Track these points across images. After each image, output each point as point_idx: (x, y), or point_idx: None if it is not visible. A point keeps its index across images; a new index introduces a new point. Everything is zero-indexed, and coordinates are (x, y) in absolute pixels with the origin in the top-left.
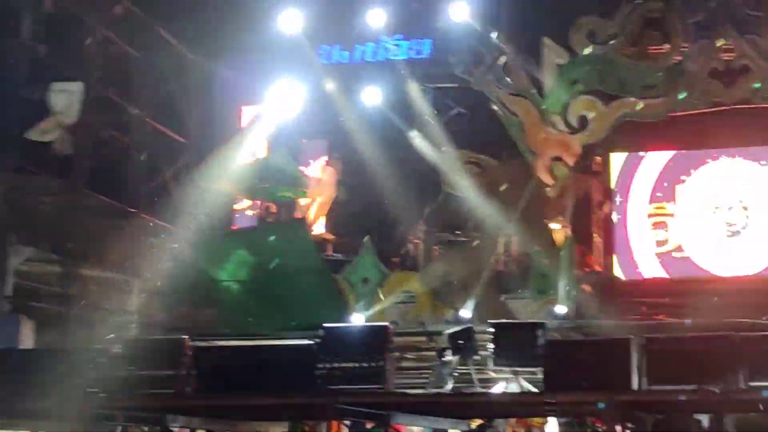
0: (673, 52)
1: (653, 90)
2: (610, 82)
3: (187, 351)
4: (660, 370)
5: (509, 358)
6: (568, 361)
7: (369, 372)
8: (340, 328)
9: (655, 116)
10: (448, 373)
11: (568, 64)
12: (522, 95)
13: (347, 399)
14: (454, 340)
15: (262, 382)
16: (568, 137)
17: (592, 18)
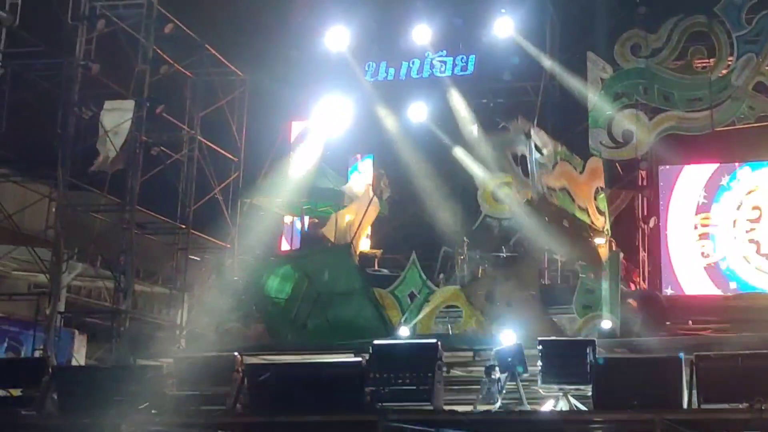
0: (719, 65)
1: (698, 103)
2: (654, 95)
3: (239, 368)
4: (711, 388)
5: (557, 376)
6: (617, 379)
7: (418, 389)
8: (390, 345)
9: (700, 130)
10: (496, 390)
11: (612, 78)
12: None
13: (396, 416)
14: (503, 357)
15: (312, 399)
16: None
17: (637, 32)
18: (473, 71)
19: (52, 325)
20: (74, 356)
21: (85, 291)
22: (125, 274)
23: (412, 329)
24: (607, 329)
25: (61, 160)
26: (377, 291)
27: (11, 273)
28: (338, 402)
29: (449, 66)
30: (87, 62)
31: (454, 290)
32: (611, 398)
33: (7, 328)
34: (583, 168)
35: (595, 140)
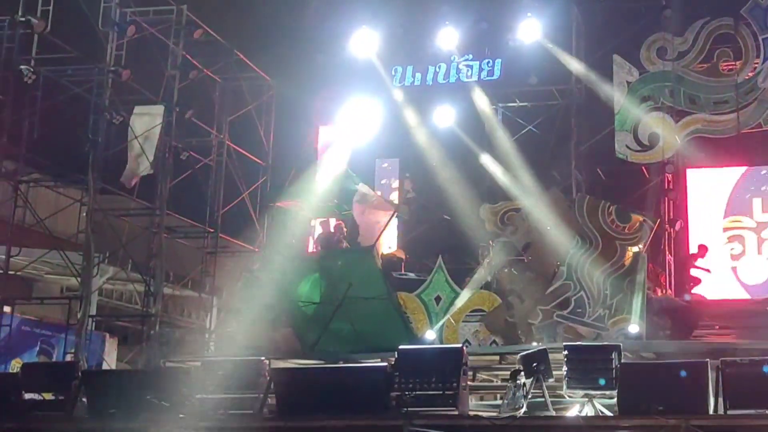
0: (745, 68)
1: (724, 106)
2: (680, 98)
3: (265, 372)
4: (737, 393)
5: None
6: (643, 385)
7: (443, 394)
8: (415, 350)
9: (726, 132)
10: (521, 395)
11: (638, 81)
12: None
13: (421, 421)
14: (528, 362)
15: (337, 403)
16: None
17: (663, 35)
18: (499, 75)
19: (83, 329)
20: (105, 359)
21: (116, 294)
22: (155, 277)
23: (438, 333)
24: (634, 333)
25: (92, 164)
26: (403, 295)
27: (44, 276)
28: (363, 406)
29: (475, 70)
30: (117, 68)
31: (480, 293)
32: (637, 404)
33: (40, 332)
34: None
35: (621, 144)
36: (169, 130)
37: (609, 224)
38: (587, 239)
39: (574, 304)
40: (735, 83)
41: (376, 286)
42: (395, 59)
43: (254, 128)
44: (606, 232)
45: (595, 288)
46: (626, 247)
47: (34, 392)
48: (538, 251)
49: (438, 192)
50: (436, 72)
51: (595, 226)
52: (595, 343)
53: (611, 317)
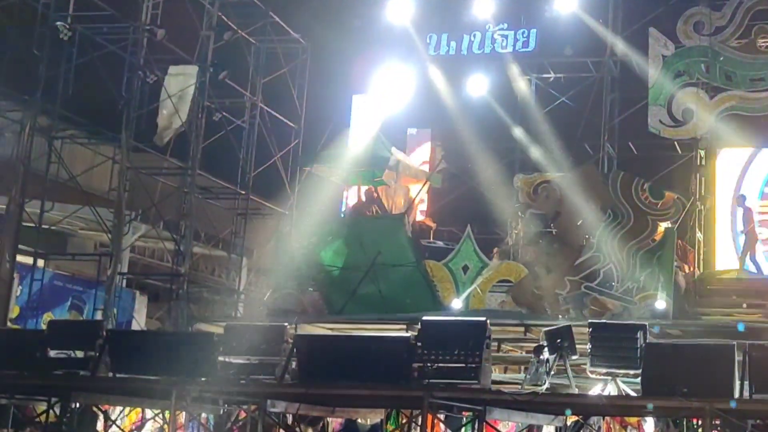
0: None
1: (760, 84)
2: (716, 74)
3: (288, 338)
4: (764, 377)
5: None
6: (667, 365)
7: (465, 367)
8: (438, 321)
9: (762, 110)
10: (544, 371)
11: (673, 55)
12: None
13: (442, 393)
14: (551, 338)
15: (360, 372)
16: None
17: (700, 9)
18: (534, 47)
19: (113, 286)
20: (135, 316)
21: (148, 252)
22: (185, 237)
23: (465, 302)
24: (661, 309)
25: (126, 123)
26: (431, 263)
27: (78, 232)
28: (385, 376)
29: (510, 41)
30: (153, 27)
31: (507, 264)
32: (660, 384)
33: (72, 287)
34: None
35: (654, 118)
36: (203, 90)
37: (642, 199)
38: (619, 213)
39: (603, 277)
40: None
41: (405, 253)
42: (430, 27)
43: (288, 91)
44: (638, 207)
45: (625, 262)
46: (657, 223)
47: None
48: (567, 223)
49: (469, 162)
50: (471, 41)
51: (628, 200)
52: (621, 322)
53: (639, 291)
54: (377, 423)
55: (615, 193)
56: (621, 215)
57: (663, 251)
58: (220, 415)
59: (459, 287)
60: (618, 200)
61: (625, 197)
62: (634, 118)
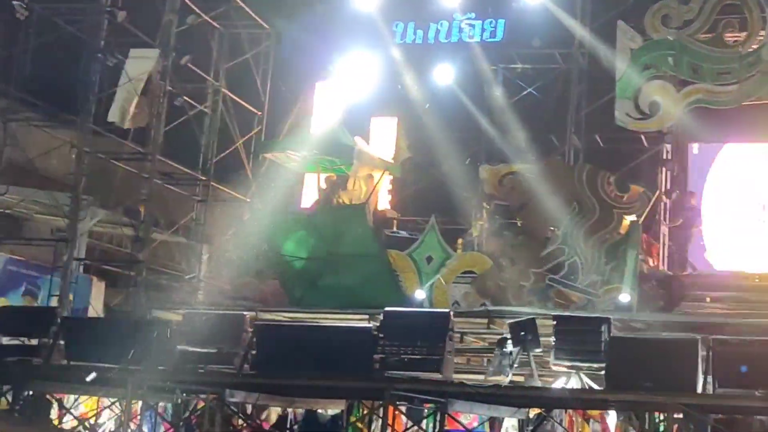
0: (749, 40)
1: (727, 77)
2: (683, 67)
3: (248, 327)
4: (727, 372)
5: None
6: (631, 359)
7: (428, 359)
8: (401, 312)
9: (729, 104)
10: (507, 364)
11: (641, 48)
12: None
13: (404, 385)
14: (516, 330)
15: (321, 362)
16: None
17: (669, 2)
18: (502, 37)
19: (69, 271)
20: (91, 303)
21: (107, 237)
22: (144, 223)
23: (428, 293)
24: (625, 303)
25: (83, 106)
26: (394, 253)
27: (34, 216)
28: (346, 367)
29: (478, 30)
30: (113, 9)
31: (471, 255)
32: (624, 378)
33: (26, 272)
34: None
35: (621, 111)
36: (165, 74)
37: (608, 193)
38: (585, 206)
39: (568, 269)
40: (739, 55)
41: (366, 243)
42: (397, 14)
43: (251, 77)
44: (604, 200)
45: (590, 254)
46: (623, 216)
47: (13, 336)
48: (532, 215)
49: (434, 151)
50: (438, 30)
51: (594, 193)
52: (585, 315)
53: (604, 284)
54: (338, 413)
55: (581, 185)
56: (586, 208)
57: (628, 245)
58: (178, 405)
59: (422, 278)
60: (584, 193)
61: (591, 190)
62: (602, 111)
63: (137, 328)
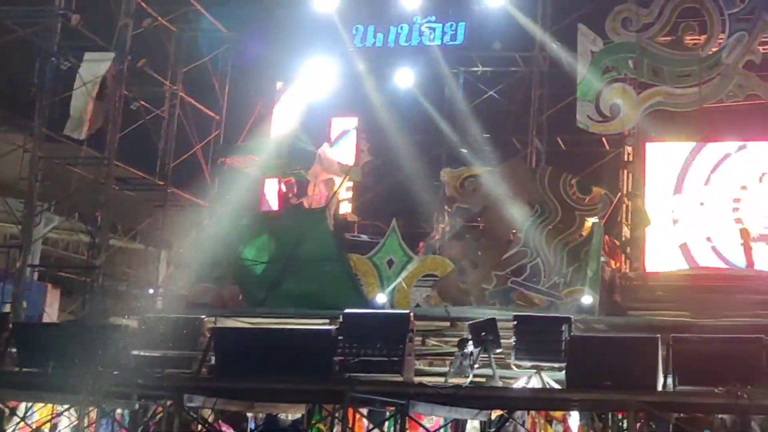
0: (709, 42)
1: (687, 80)
2: (643, 70)
3: (207, 331)
4: (687, 370)
5: (531, 352)
6: (592, 358)
7: (388, 360)
8: (361, 314)
9: (689, 106)
10: (468, 365)
11: (602, 51)
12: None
13: (364, 387)
14: (476, 330)
15: (280, 365)
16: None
17: (629, 5)
18: (462, 40)
19: (22, 278)
20: (46, 310)
21: (62, 244)
22: (101, 229)
23: (389, 296)
24: (587, 305)
25: (38, 110)
26: (355, 257)
27: None
28: (306, 370)
29: (438, 34)
30: (67, 12)
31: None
32: (585, 378)
33: None
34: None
35: (582, 113)
36: (120, 78)
37: (570, 195)
38: (547, 208)
39: (530, 272)
40: (699, 57)
41: (327, 247)
42: (357, 18)
43: (209, 81)
44: (566, 202)
45: (552, 257)
46: (585, 218)
47: None
48: (494, 217)
49: (395, 155)
50: (398, 33)
51: (556, 196)
52: (546, 315)
53: (566, 287)
54: (298, 418)
55: (543, 188)
56: (548, 210)
57: (590, 246)
58: (135, 411)
59: (383, 282)
60: (546, 195)
61: (553, 192)
62: (563, 113)
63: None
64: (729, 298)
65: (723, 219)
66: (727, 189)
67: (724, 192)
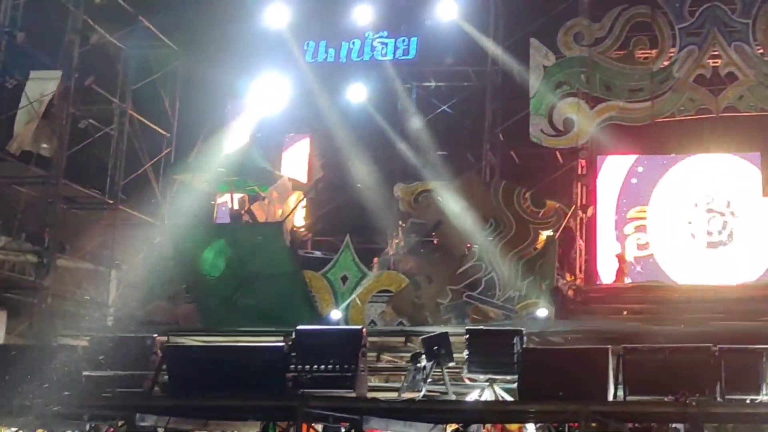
0: (660, 57)
1: (639, 94)
2: (596, 84)
3: (158, 350)
4: (637, 380)
5: (484, 366)
6: (544, 370)
7: (341, 376)
8: (313, 330)
9: (641, 120)
10: (421, 378)
11: (554, 65)
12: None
13: (318, 403)
14: (429, 344)
15: (233, 383)
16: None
17: (580, 20)
18: (415, 55)
19: None
20: None
21: (8, 265)
22: (49, 249)
23: (344, 313)
24: (542, 317)
25: None
26: (309, 273)
27: None
28: (259, 387)
29: (390, 48)
30: (12, 29)
31: (388, 274)
32: (537, 389)
33: None
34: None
35: (535, 128)
36: (68, 96)
37: (524, 209)
38: (501, 222)
39: (485, 285)
40: (650, 72)
41: (283, 263)
42: (308, 34)
43: (159, 98)
44: (521, 216)
45: (507, 270)
46: (539, 231)
47: None
48: (448, 232)
49: (348, 170)
50: (350, 49)
51: (510, 209)
52: (497, 328)
53: (521, 300)
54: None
55: (497, 201)
56: (503, 224)
57: (544, 260)
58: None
59: (338, 298)
60: (500, 209)
61: (507, 206)
62: (517, 128)
63: (40, 354)
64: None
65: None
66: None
67: (676, 205)
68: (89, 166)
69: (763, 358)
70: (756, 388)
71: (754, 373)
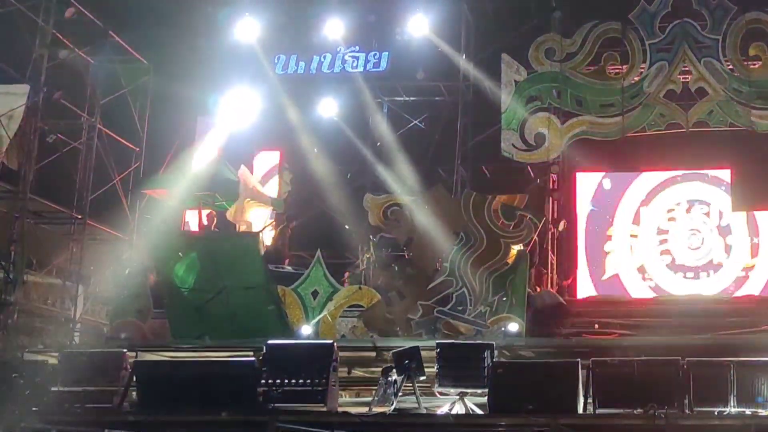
0: (631, 72)
1: (610, 109)
2: (567, 100)
3: (126, 365)
4: (607, 393)
5: (455, 379)
6: (514, 383)
7: (311, 390)
8: (283, 345)
9: (612, 135)
10: (392, 392)
11: (525, 80)
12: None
13: (289, 417)
14: (399, 359)
15: (204, 397)
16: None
17: (552, 35)
18: (386, 68)
19: None
20: None
21: None
22: (16, 264)
23: (314, 328)
24: (514, 332)
25: None
26: (280, 288)
27: None
28: (229, 401)
29: (361, 62)
30: None
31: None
32: (507, 402)
33: None
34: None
35: (507, 142)
36: (36, 111)
37: (495, 221)
38: (471, 236)
39: (455, 301)
40: (621, 87)
41: (256, 275)
42: (279, 48)
43: (128, 113)
44: (491, 229)
45: (478, 285)
46: (510, 245)
47: None
48: (419, 247)
49: (319, 185)
50: (321, 62)
51: (480, 222)
52: (468, 342)
53: (492, 315)
54: None
55: (467, 214)
56: (473, 237)
57: (516, 274)
58: None
59: (308, 313)
60: (470, 222)
61: (478, 219)
62: (488, 142)
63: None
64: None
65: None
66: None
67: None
68: (57, 180)
69: (730, 370)
70: (724, 400)
71: (722, 386)
